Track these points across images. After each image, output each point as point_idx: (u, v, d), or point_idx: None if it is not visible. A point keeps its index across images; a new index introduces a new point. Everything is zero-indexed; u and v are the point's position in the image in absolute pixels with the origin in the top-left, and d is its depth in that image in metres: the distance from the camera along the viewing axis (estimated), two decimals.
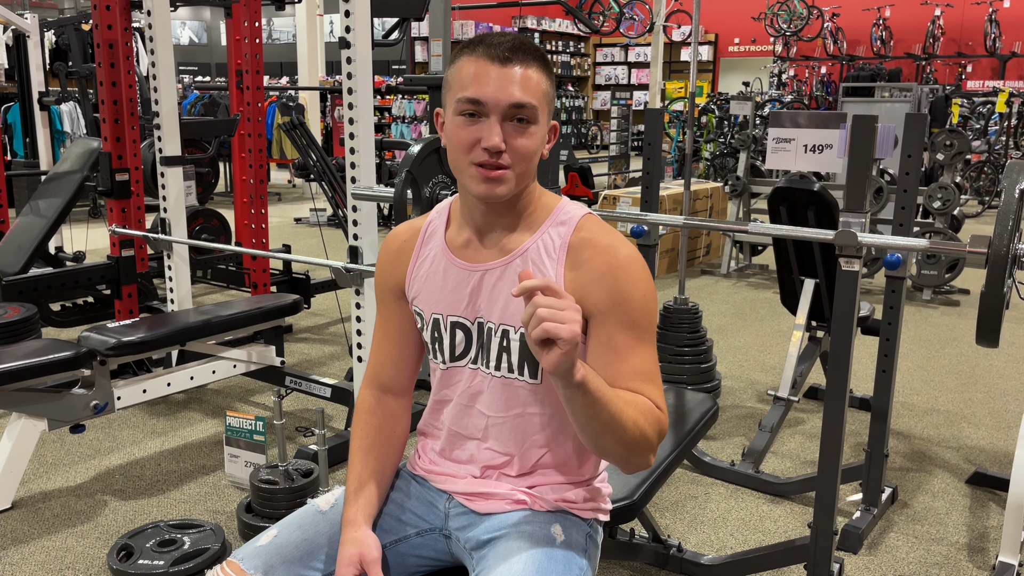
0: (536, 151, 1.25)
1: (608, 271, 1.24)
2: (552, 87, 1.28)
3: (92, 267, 3.83)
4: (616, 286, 1.24)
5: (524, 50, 1.23)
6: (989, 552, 2.44)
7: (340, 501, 1.40)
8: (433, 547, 1.40)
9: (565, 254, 1.27)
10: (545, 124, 1.27)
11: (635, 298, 1.24)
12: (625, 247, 1.27)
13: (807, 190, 3.02)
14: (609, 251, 1.26)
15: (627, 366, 1.24)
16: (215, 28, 18.24)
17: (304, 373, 3.28)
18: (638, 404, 1.20)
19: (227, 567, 1.29)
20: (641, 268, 1.26)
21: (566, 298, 1.06)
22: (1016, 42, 13.95)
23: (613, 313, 1.24)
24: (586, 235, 1.29)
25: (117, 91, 3.49)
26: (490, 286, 1.31)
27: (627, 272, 1.25)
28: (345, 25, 2.70)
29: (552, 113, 1.30)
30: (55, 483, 2.81)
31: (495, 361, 1.31)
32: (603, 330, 1.25)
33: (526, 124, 1.23)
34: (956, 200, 5.33)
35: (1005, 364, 4.17)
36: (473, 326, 1.33)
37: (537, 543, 1.26)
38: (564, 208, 1.33)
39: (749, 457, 2.88)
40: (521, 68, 1.22)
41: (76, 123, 7.92)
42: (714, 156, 10.76)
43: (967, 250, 1.64)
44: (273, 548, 1.31)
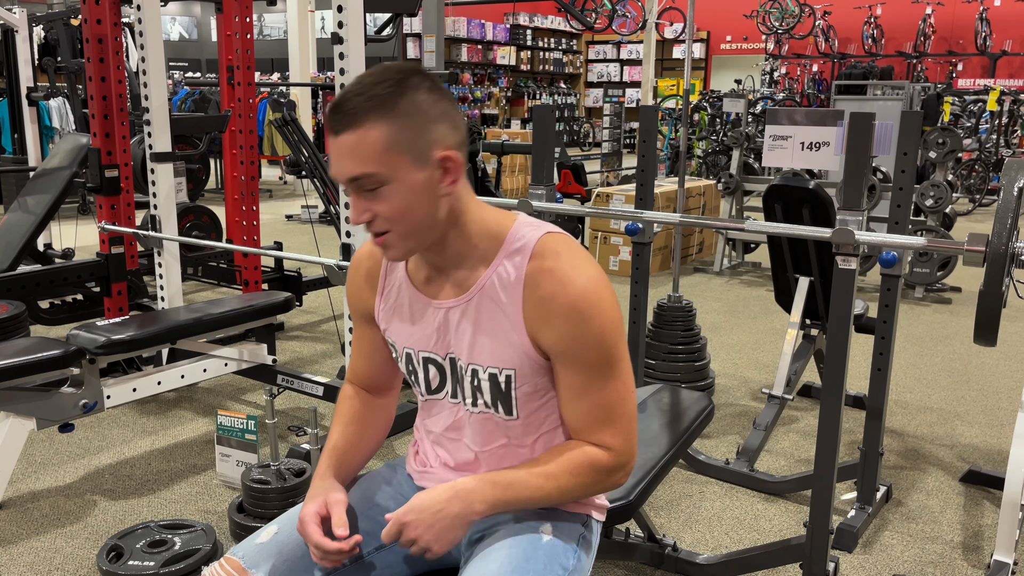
0: (406, 210, 1.14)
1: (560, 312, 1.17)
2: (406, 128, 1.11)
3: (81, 264, 3.79)
4: (568, 328, 1.17)
5: (351, 107, 1.11)
6: (984, 550, 2.44)
7: None
8: None
9: (522, 288, 1.20)
10: (410, 174, 1.13)
11: (589, 336, 1.18)
12: (582, 275, 1.18)
13: (802, 188, 3.02)
14: (564, 284, 1.17)
15: (581, 407, 1.23)
16: (205, 24, 18.15)
17: (296, 371, 3.25)
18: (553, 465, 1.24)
19: (226, 564, 1.27)
20: (600, 298, 1.18)
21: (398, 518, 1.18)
22: (1007, 40, 14.01)
23: (568, 354, 1.20)
24: (541, 264, 1.19)
25: (106, 87, 3.46)
26: (455, 324, 1.27)
27: (586, 309, 1.17)
28: (338, 21, 2.67)
29: (427, 148, 1.13)
30: (44, 483, 2.78)
31: (471, 398, 1.30)
32: (562, 370, 1.23)
33: (377, 190, 1.13)
34: (948, 198, 5.34)
35: (997, 362, 4.18)
36: (445, 361, 1.30)
37: (520, 540, 1.25)
38: (517, 233, 1.22)
39: (744, 455, 2.87)
40: (351, 133, 1.10)
41: (65, 119, 7.86)
42: (707, 154, 10.77)
43: (965, 248, 1.63)
44: (275, 546, 1.29)
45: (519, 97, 17.25)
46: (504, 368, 1.24)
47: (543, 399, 1.28)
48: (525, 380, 1.25)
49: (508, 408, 1.27)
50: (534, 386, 1.26)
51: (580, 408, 1.24)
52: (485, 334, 1.23)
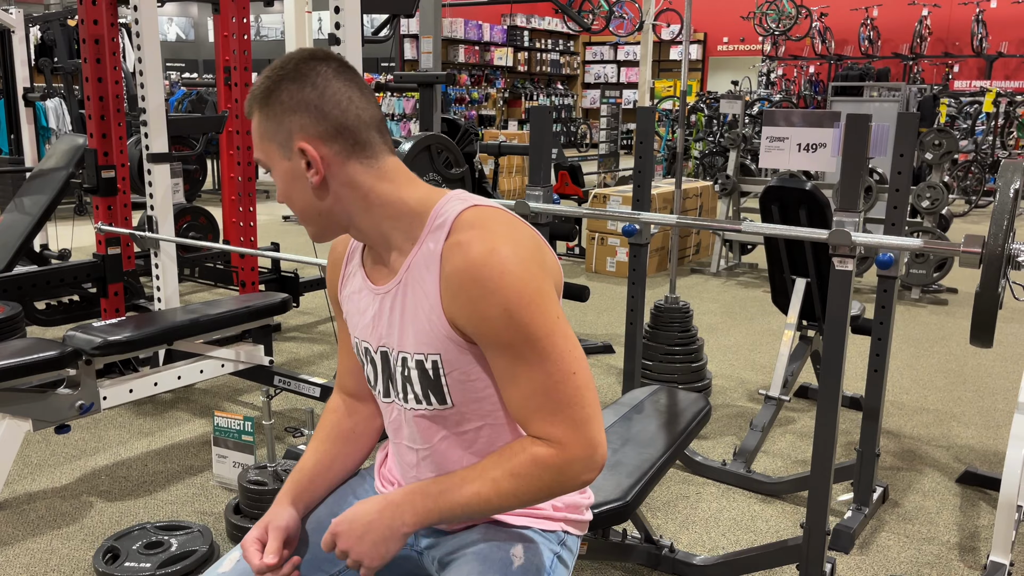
0: (286, 196, 1.16)
1: (463, 287, 1.08)
2: (272, 118, 1.12)
3: (78, 265, 3.78)
4: (472, 305, 1.08)
5: (250, 100, 1.14)
6: (980, 551, 2.44)
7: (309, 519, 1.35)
8: (405, 565, 1.35)
9: (439, 265, 1.11)
10: (279, 166, 1.14)
11: (493, 314, 1.07)
12: (486, 246, 1.07)
13: (799, 189, 3.02)
14: (466, 257, 1.07)
15: (514, 395, 1.12)
16: (202, 24, 18.13)
17: (293, 372, 3.25)
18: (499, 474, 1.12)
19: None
20: (498, 273, 1.06)
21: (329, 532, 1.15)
22: (1003, 42, 14.04)
23: (481, 334, 1.10)
24: (456, 239, 1.10)
25: (103, 87, 3.45)
26: (387, 310, 1.20)
27: (480, 286, 1.06)
28: (335, 21, 2.67)
29: (290, 138, 1.12)
30: (40, 484, 2.78)
31: (402, 393, 1.23)
32: (486, 353, 1.13)
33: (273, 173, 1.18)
34: (944, 199, 5.35)
35: (994, 363, 4.19)
36: (377, 354, 1.24)
37: (488, 570, 1.18)
38: (442, 209, 1.14)
39: (740, 456, 2.88)
40: (253, 120, 1.16)
41: (61, 119, 7.85)
42: (703, 155, 10.78)
43: (961, 250, 1.63)
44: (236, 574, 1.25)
45: (516, 98, 17.26)
46: (429, 353, 1.15)
47: (480, 386, 1.17)
48: (452, 365, 1.15)
49: (440, 396, 1.18)
50: (464, 373, 1.16)
51: (514, 397, 1.12)
52: (410, 318, 1.16)
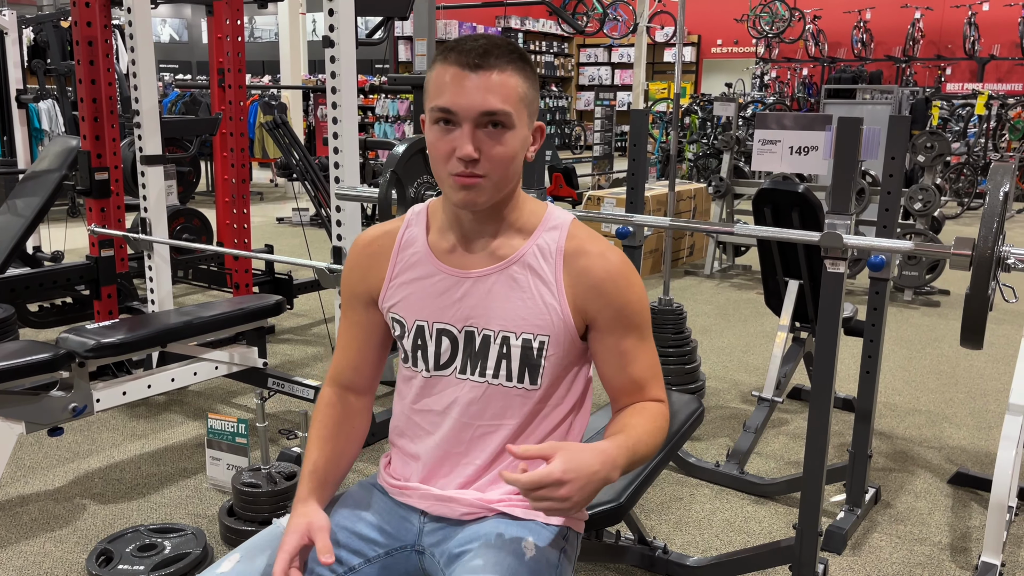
0: (514, 157, 1.23)
1: (607, 279, 1.28)
2: (532, 88, 1.24)
3: (71, 267, 3.77)
4: (617, 293, 1.28)
5: (498, 53, 1.19)
6: (971, 552, 2.46)
7: None
8: (404, 566, 1.36)
9: (562, 260, 1.28)
10: (525, 128, 1.24)
11: (633, 302, 1.29)
12: (614, 252, 1.31)
13: (791, 191, 3.04)
14: (603, 258, 1.29)
15: (635, 368, 1.32)
16: (196, 26, 18.10)
17: (287, 374, 3.25)
18: (648, 422, 1.29)
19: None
20: (632, 271, 1.31)
21: (555, 473, 1.10)
22: (995, 45, 14.10)
23: (617, 320, 1.29)
24: (578, 243, 1.30)
25: (96, 89, 3.45)
26: (484, 292, 1.29)
27: (624, 278, 1.29)
28: (329, 24, 2.68)
29: (535, 114, 1.27)
30: (33, 487, 2.77)
31: (493, 368, 1.30)
32: (610, 338, 1.30)
33: (501, 130, 1.20)
34: (937, 202, 5.38)
35: (985, 364, 4.21)
36: (461, 334, 1.31)
37: (503, 558, 1.23)
38: (553, 214, 1.34)
39: (734, 458, 2.88)
40: (494, 73, 1.18)
41: (55, 121, 7.82)
42: (697, 157, 10.80)
43: (952, 252, 1.64)
44: (247, 565, 1.26)
45: None
46: (538, 334, 1.28)
47: (569, 373, 1.33)
48: (557, 348, 1.29)
49: (534, 377, 1.30)
50: (562, 358, 1.30)
51: (634, 371, 1.31)
52: (520, 301, 1.28)
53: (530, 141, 1.27)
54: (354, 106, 2.74)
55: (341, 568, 1.31)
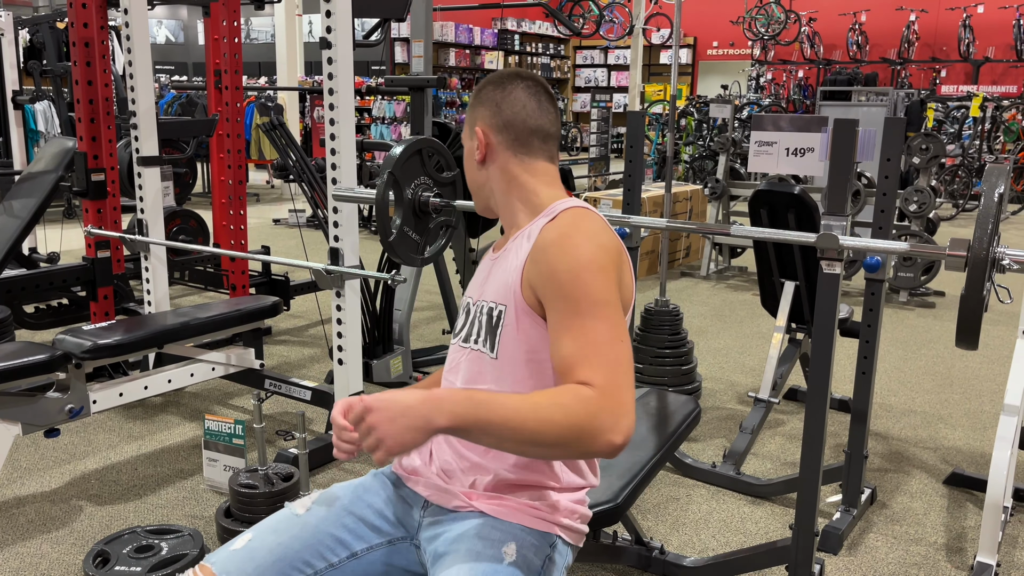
0: (467, 166, 1.46)
1: (541, 249, 1.28)
2: (473, 106, 1.43)
3: (67, 268, 3.77)
4: (545, 262, 1.26)
5: None
6: (967, 552, 2.46)
7: (317, 504, 1.40)
8: (405, 557, 1.39)
9: (535, 238, 1.32)
10: (468, 141, 1.44)
11: (561, 270, 1.23)
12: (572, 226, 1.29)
13: (788, 193, 3.05)
14: (554, 230, 1.29)
15: (560, 346, 1.21)
16: (192, 27, 18.09)
17: (284, 376, 3.25)
18: (536, 396, 1.15)
19: (199, 571, 1.30)
20: (574, 243, 1.25)
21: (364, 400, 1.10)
22: (989, 47, 14.15)
23: (547, 290, 1.25)
24: (555, 222, 1.31)
25: (93, 90, 3.44)
26: (490, 270, 1.43)
27: (558, 247, 1.25)
28: (326, 25, 2.68)
29: (471, 124, 1.43)
30: (29, 488, 2.76)
31: (474, 334, 1.39)
32: (546, 310, 1.27)
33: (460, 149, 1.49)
34: (932, 203, 5.39)
35: (980, 365, 4.22)
36: (474, 306, 1.42)
37: (479, 566, 1.23)
38: (558, 203, 1.38)
39: (730, 459, 2.89)
40: None
41: (50, 122, 7.80)
42: (693, 159, 10.81)
43: (947, 253, 1.65)
44: (247, 553, 1.31)
45: None
46: (498, 303, 1.35)
47: (522, 348, 1.32)
48: (509, 320, 1.32)
49: (491, 344, 1.35)
50: (515, 329, 1.32)
51: (566, 346, 1.20)
52: (499, 274, 1.38)
53: (474, 147, 1.43)
54: (351, 107, 2.74)
55: (344, 552, 1.35)
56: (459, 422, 1.10)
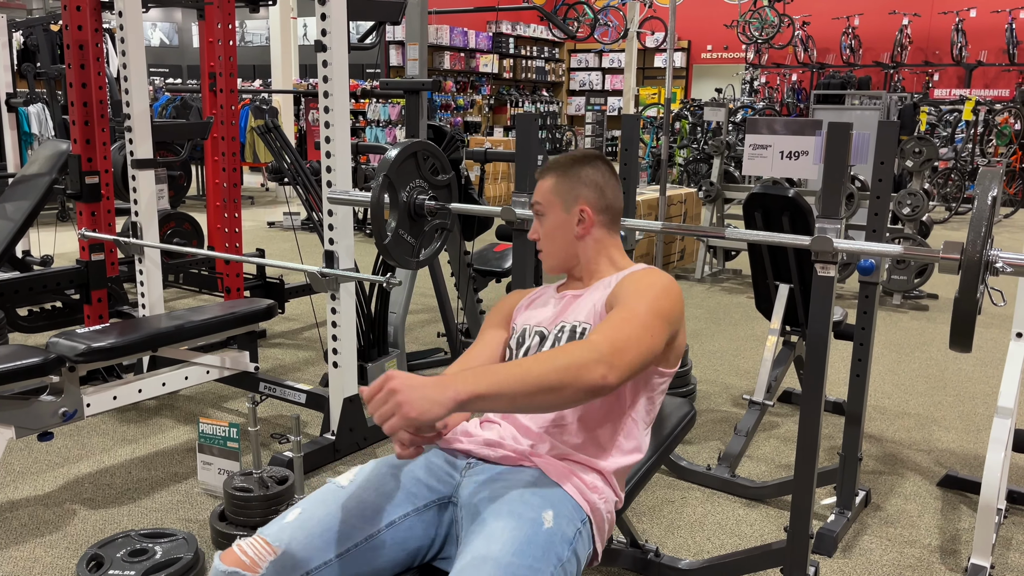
0: (554, 234, 1.68)
1: (626, 279, 1.58)
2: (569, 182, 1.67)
3: (60, 271, 3.75)
4: (626, 284, 1.55)
5: (554, 167, 1.70)
6: (961, 554, 2.47)
7: (359, 476, 1.49)
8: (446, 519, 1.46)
9: (619, 279, 1.60)
10: (562, 214, 1.67)
11: (633, 284, 1.53)
12: (656, 274, 1.57)
13: (782, 196, 3.05)
14: (639, 272, 1.60)
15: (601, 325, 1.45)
16: (187, 30, 18.05)
17: (278, 379, 3.24)
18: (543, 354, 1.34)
19: (256, 540, 1.39)
20: (648, 274, 1.57)
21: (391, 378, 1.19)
22: (982, 51, 14.21)
23: (617, 298, 1.52)
24: (639, 270, 1.62)
25: (87, 93, 3.44)
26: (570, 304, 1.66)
27: (638, 277, 1.57)
28: (321, 28, 2.68)
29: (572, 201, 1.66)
30: (22, 492, 2.75)
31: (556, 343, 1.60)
32: None
33: (540, 217, 1.71)
34: (925, 206, 5.41)
35: (974, 368, 4.23)
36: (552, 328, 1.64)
37: (522, 522, 1.32)
38: (637, 264, 1.69)
39: (725, 461, 2.89)
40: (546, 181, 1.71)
41: (44, 125, 7.78)
42: (687, 162, 10.84)
43: (940, 256, 1.66)
44: (298, 524, 1.41)
45: (502, 105, 17.28)
46: (582, 322, 1.60)
47: None
48: None
49: None
50: None
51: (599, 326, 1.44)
52: (584, 305, 1.62)
53: (575, 222, 1.67)
54: (346, 110, 2.74)
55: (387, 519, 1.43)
56: (474, 388, 1.21)
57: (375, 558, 1.41)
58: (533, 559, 1.27)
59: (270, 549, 1.37)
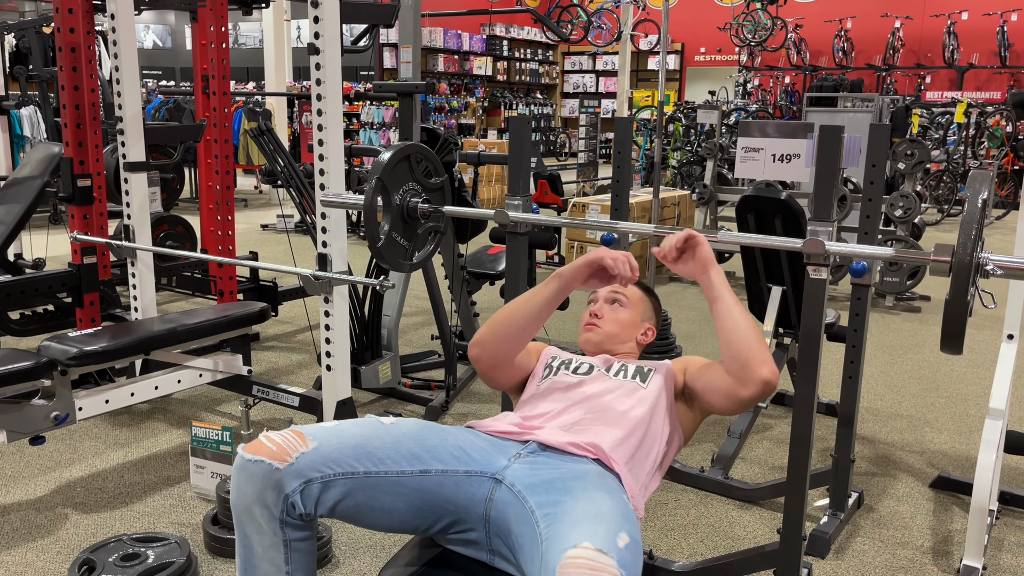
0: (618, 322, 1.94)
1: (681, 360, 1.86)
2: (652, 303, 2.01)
3: (53, 274, 3.74)
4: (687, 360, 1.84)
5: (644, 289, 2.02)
6: (953, 555, 2.48)
7: (399, 422, 1.53)
8: (477, 489, 1.45)
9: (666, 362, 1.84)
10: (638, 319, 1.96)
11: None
12: None
13: (774, 199, 3.06)
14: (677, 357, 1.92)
15: None
16: (180, 32, 18.02)
17: (272, 382, 3.23)
18: None
19: (289, 432, 1.41)
20: None
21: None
22: (973, 54, 14.29)
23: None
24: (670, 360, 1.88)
25: (79, 95, 3.43)
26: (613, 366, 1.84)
27: None
28: (314, 31, 2.68)
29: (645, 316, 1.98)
30: (14, 496, 2.74)
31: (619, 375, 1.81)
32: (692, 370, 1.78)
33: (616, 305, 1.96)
34: (917, 208, 5.43)
35: (966, 369, 4.25)
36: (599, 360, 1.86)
37: (615, 499, 1.39)
38: None
39: (718, 463, 2.90)
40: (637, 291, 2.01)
41: (36, 128, 7.76)
42: (681, 164, 10.86)
43: (931, 258, 1.66)
44: (334, 429, 1.45)
45: (496, 107, 17.30)
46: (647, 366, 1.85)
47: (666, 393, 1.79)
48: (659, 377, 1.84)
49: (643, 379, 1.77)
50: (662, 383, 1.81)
51: None
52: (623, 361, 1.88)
53: (640, 331, 1.95)
54: (339, 113, 2.74)
55: (418, 465, 1.45)
56: (721, 277, 1.70)
57: (395, 497, 1.41)
58: (632, 525, 1.34)
59: (303, 441, 1.38)
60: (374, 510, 1.42)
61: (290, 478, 1.36)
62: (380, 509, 1.42)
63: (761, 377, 1.57)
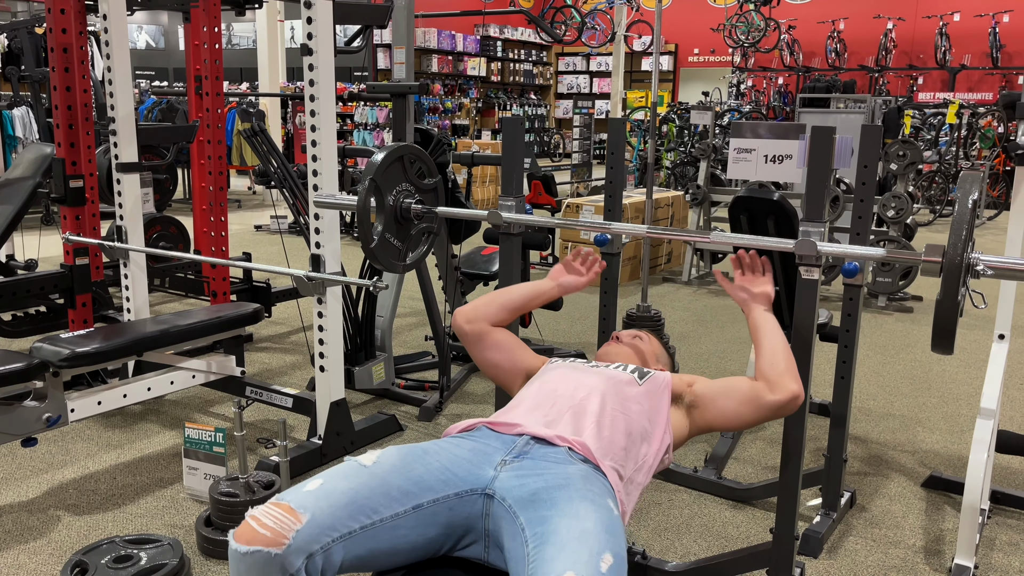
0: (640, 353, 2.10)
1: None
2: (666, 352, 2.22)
3: (45, 276, 3.73)
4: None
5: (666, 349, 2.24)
6: (945, 554, 2.49)
7: (381, 458, 1.49)
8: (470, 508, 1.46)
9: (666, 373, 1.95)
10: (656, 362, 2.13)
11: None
12: None
13: (767, 199, 3.06)
14: None
15: None
16: (173, 32, 17.97)
17: (265, 383, 3.23)
18: None
19: (276, 506, 1.34)
20: None
21: None
22: (965, 55, 14.35)
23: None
24: None
25: (71, 96, 3.42)
26: None
27: None
28: (307, 32, 2.68)
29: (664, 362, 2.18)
30: (6, 498, 2.73)
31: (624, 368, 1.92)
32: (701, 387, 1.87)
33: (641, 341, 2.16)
34: (909, 209, 5.45)
35: (957, 369, 4.27)
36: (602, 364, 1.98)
37: (600, 509, 1.40)
38: None
39: (712, 463, 2.90)
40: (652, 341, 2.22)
41: (28, 128, 7.74)
42: (675, 165, 10.88)
43: (922, 259, 1.67)
44: (321, 493, 1.38)
45: (490, 108, 17.31)
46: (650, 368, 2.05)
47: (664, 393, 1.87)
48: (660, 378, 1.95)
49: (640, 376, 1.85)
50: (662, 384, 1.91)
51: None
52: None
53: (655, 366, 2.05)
54: (332, 114, 2.74)
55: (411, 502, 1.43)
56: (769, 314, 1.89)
57: (396, 539, 1.41)
58: (615, 540, 1.36)
59: (294, 517, 1.31)
60: (379, 557, 1.42)
61: (292, 558, 1.31)
62: (385, 553, 1.42)
63: (792, 388, 1.69)
